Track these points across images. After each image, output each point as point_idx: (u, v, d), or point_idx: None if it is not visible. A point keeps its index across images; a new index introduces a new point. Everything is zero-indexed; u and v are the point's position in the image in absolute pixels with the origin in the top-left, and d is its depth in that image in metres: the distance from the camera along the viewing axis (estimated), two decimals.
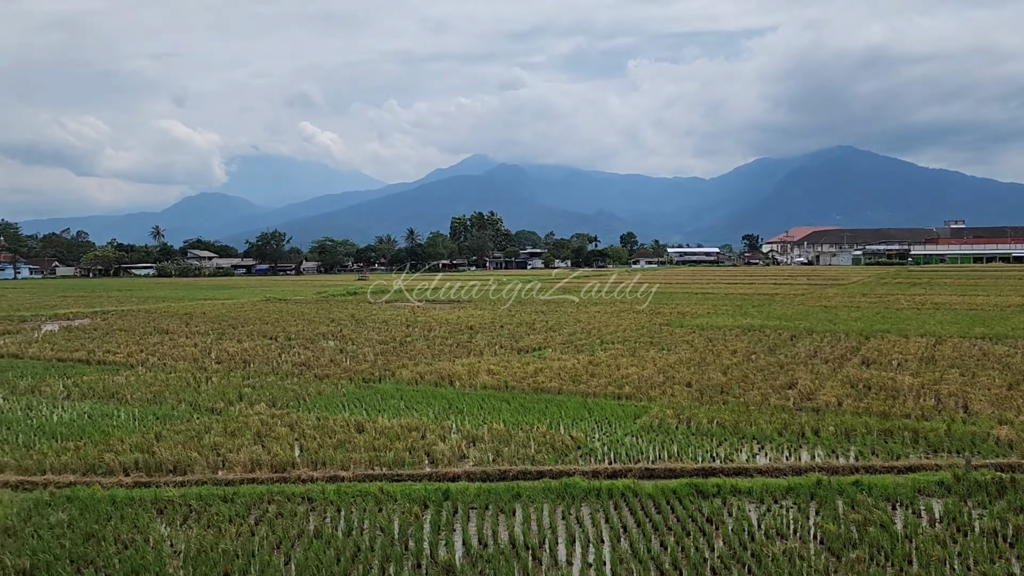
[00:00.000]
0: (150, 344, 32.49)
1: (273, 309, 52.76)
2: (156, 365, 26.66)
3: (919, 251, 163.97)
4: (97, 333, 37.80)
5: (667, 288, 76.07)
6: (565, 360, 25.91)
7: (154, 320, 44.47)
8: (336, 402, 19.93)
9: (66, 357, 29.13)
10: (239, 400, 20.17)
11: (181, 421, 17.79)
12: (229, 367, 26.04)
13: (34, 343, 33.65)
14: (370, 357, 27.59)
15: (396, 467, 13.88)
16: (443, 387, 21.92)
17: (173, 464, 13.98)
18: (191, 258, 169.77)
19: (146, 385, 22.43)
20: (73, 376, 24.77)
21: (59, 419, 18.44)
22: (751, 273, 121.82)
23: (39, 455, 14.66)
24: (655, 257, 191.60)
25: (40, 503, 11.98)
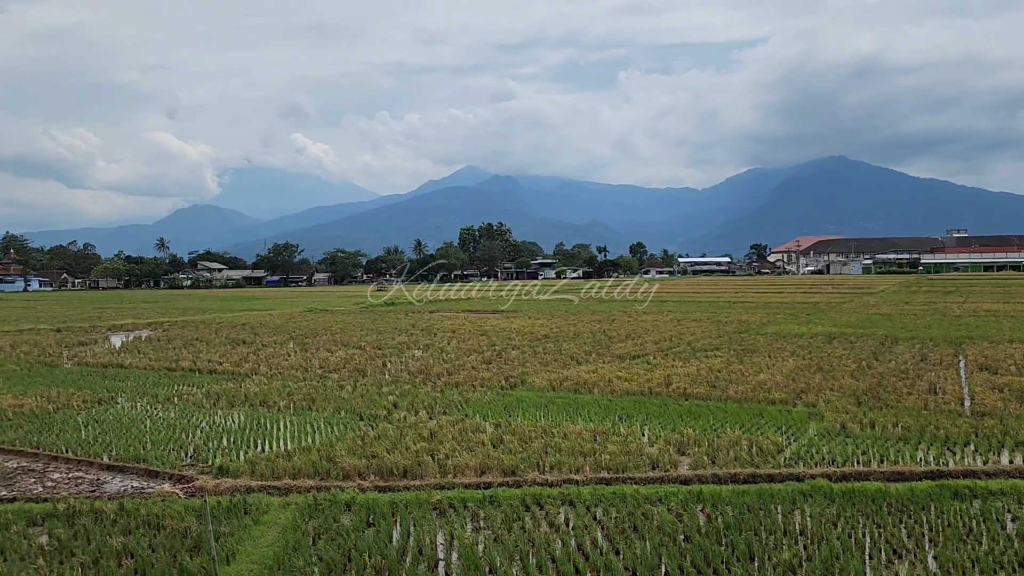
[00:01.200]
0: (242, 354, 32.53)
1: (326, 320, 52.81)
2: (272, 374, 26.71)
3: (928, 260, 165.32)
4: (177, 343, 37.80)
5: (699, 297, 76.46)
6: (679, 367, 26.08)
7: (221, 331, 44.48)
8: (496, 408, 20.04)
9: (173, 367, 29.18)
10: (393, 408, 20.29)
11: (355, 428, 17.90)
12: (345, 376, 26.12)
13: (123, 352, 33.65)
14: (479, 365, 27.75)
15: (623, 471, 14.03)
16: (583, 394, 22.06)
17: (404, 468, 14.12)
18: (201, 270, 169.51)
19: (287, 393, 22.51)
20: (200, 385, 24.86)
21: (230, 426, 18.54)
22: (770, 282, 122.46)
23: (266, 461, 14.76)
24: (665, 267, 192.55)
25: (319, 507, 12.10)
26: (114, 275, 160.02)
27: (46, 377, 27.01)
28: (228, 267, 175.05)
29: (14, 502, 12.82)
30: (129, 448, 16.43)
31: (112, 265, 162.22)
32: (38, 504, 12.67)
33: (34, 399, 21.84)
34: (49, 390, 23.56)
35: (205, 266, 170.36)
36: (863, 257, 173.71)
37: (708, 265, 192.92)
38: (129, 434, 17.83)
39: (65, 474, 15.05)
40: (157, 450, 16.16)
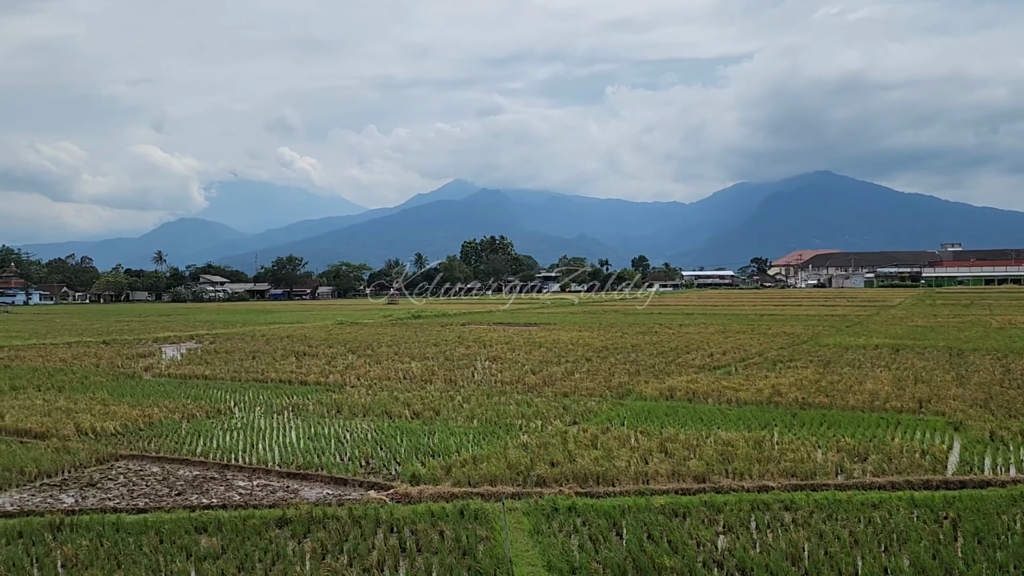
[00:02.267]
0: (318, 365, 32.53)
1: (366, 332, 52.82)
2: (367, 385, 26.79)
3: (929, 273, 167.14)
4: (239, 355, 37.70)
5: (722, 310, 76.99)
6: (772, 377, 26.30)
7: (273, 343, 44.42)
8: (627, 416, 20.24)
9: (259, 378, 29.20)
10: (521, 416, 20.45)
11: (500, 436, 18.03)
12: (441, 386, 26.24)
13: (192, 364, 33.55)
14: (565, 376, 27.97)
15: (810, 476, 14.30)
16: (700, 403, 22.31)
17: (597, 475, 14.32)
18: (203, 283, 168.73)
19: (403, 403, 22.59)
20: (299, 395, 24.93)
21: (372, 436, 18.63)
22: (782, 295, 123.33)
23: (456, 468, 14.90)
24: (667, 280, 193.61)
25: (545, 514, 12.27)
26: (115, 288, 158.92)
27: (138, 388, 26.95)
28: (229, 280, 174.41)
29: (246, 508, 12.90)
30: (290, 457, 16.56)
31: (114, 278, 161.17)
32: (258, 510, 12.77)
33: (156, 410, 21.85)
34: (161, 400, 23.57)
35: (207, 279, 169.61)
36: (864, 271, 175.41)
37: (712, 278, 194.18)
38: (278, 444, 17.93)
39: (248, 482, 15.14)
40: (319, 458, 16.27)
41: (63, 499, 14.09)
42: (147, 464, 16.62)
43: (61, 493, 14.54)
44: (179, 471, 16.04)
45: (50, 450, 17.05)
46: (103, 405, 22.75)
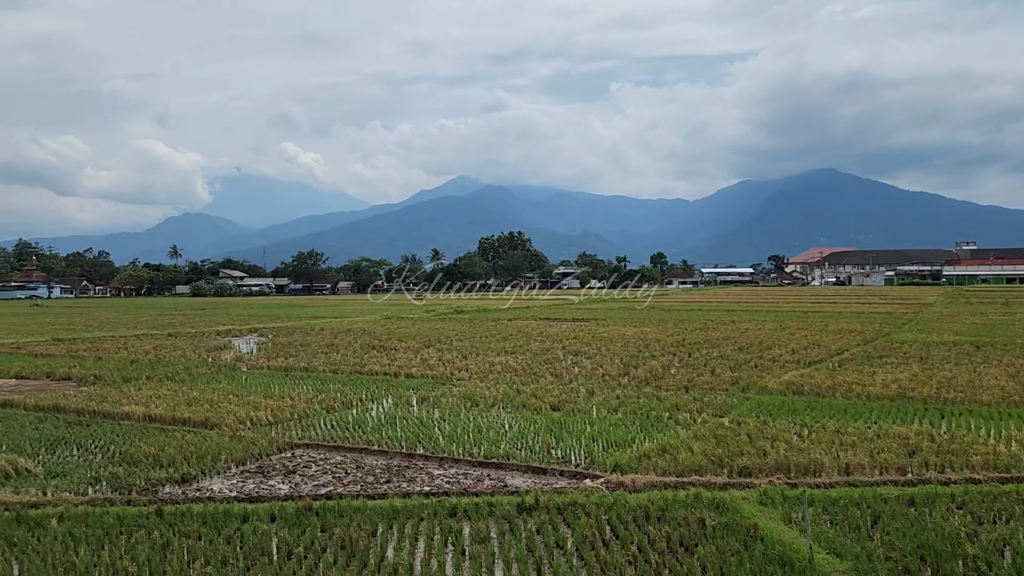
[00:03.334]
0: (407, 358, 32.63)
1: (423, 328, 52.91)
2: (474, 378, 26.94)
3: (950, 272, 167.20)
4: (315, 348, 37.79)
5: (761, 307, 77.09)
6: (880, 373, 26.38)
7: (341, 337, 44.56)
8: (773, 410, 20.38)
9: (363, 371, 29.33)
10: (662, 409, 20.58)
11: (655, 427, 18.19)
12: (550, 380, 26.39)
13: (279, 358, 33.67)
14: (663, 371, 28.15)
15: (1011, 470, 14.46)
16: (827, 397, 22.45)
17: (799, 466, 14.49)
18: (223, 278, 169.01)
19: (553, 394, 22.72)
20: (413, 388, 25.05)
21: (528, 428, 18.76)
22: (812, 292, 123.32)
23: (655, 458, 15.08)
24: (686, 277, 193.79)
25: (786, 503, 12.45)
26: (135, 282, 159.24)
27: (251, 380, 27.08)
28: (247, 275, 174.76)
29: (469, 495, 13.07)
30: (465, 446, 16.72)
31: (136, 272, 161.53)
32: (486, 496, 12.92)
33: (289, 401, 22.00)
34: (287, 391, 23.76)
35: (227, 274, 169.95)
36: (883, 268, 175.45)
37: (731, 275, 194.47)
38: (443, 433, 18.09)
39: (444, 470, 15.32)
40: (494, 448, 16.41)
41: (276, 486, 14.27)
42: (327, 453, 16.81)
43: (267, 480, 14.73)
44: (364, 459, 16.23)
45: (227, 439, 17.23)
46: (235, 396, 22.92)
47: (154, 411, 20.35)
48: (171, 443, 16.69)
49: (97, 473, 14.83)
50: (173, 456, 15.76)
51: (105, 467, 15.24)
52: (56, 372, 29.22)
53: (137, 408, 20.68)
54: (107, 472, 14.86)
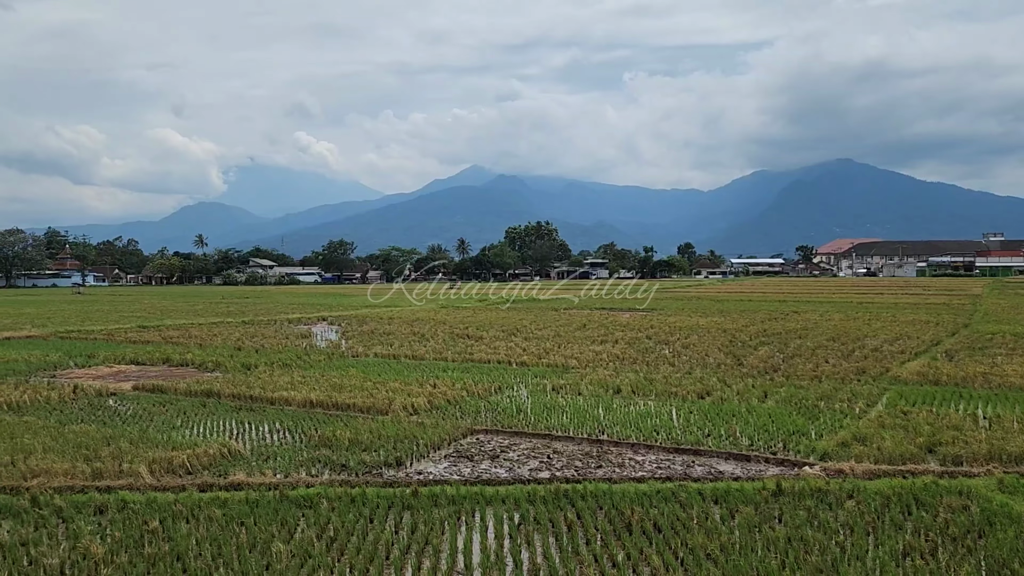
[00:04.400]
0: (507, 347, 32.80)
1: (488, 316, 53.11)
2: (593, 366, 27.13)
3: (983, 263, 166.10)
4: (400, 336, 37.92)
5: (809, 297, 76.90)
6: (1000, 365, 26.42)
7: (418, 326, 44.79)
8: (934, 399, 20.45)
9: (473, 359, 29.51)
10: (825, 399, 20.59)
11: (813, 416, 18.33)
12: (683, 369, 26.55)
13: (376, 345, 33.89)
14: (771, 360, 28.27)
15: None
16: (967, 387, 22.46)
17: (1016, 456, 14.57)
18: (253, 267, 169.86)
19: (659, 381, 22.92)
20: (540, 376, 25.21)
21: (684, 416, 18.91)
22: (852, 284, 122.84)
23: (855, 446, 15.23)
24: (714, 267, 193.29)
25: None
26: (166, 271, 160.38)
27: (373, 367, 27.27)
28: (276, 264, 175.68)
29: (696, 481, 13.25)
30: (645, 433, 16.90)
31: (167, 261, 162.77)
32: (716, 483, 13.09)
33: (430, 388, 22.22)
34: (425, 379, 23.96)
35: (257, 263, 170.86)
36: (914, 260, 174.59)
37: (760, 266, 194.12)
38: (610, 420, 18.25)
39: (643, 456, 15.50)
40: (686, 435, 16.59)
41: (493, 470, 14.48)
42: (510, 438, 17.02)
43: (477, 464, 14.95)
44: (553, 445, 16.44)
45: (409, 424, 17.47)
46: (371, 382, 23.14)
47: (311, 397, 20.61)
48: (363, 428, 16.93)
49: (305, 455, 15.10)
50: (371, 440, 16.02)
51: (308, 450, 15.51)
52: (172, 358, 29.57)
53: (293, 394, 20.95)
54: (315, 455, 15.13)
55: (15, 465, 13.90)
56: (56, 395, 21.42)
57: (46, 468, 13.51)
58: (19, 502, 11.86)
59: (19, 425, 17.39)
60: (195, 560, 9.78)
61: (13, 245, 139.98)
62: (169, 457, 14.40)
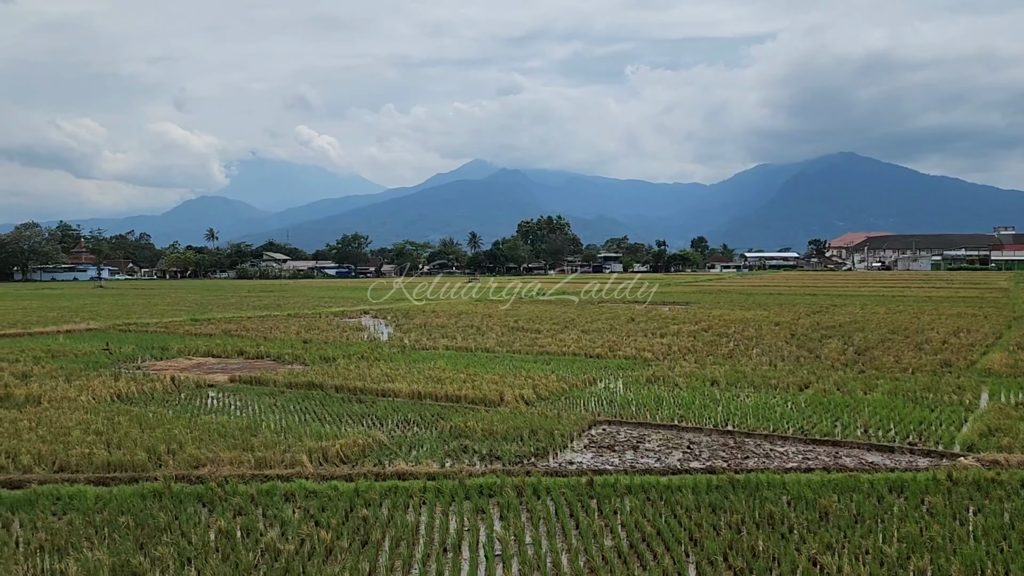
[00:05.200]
0: (573, 337, 32.93)
1: (532, 310, 53.26)
2: (667, 359, 27.25)
3: (998, 257, 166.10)
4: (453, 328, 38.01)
5: (838, 291, 77.01)
6: None
7: (469, 319, 44.88)
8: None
9: (544, 351, 29.61)
10: (931, 392, 20.64)
11: (935, 409, 18.45)
12: (763, 362, 26.65)
13: (441, 338, 33.99)
14: (845, 353, 28.36)
15: None
16: None
17: None
18: (267, 260, 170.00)
19: (759, 376, 23.01)
20: (624, 368, 25.33)
21: (794, 407, 19.02)
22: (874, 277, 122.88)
23: (996, 439, 15.33)
24: (727, 261, 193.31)
25: None
26: (180, 265, 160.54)
27: (444, 359, 27.32)
28: (290, 257, 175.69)
29: (859, 472, 13.35)
30: (772, 423, 17.01)
31: (183, 255, 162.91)
32: (871, 473, 13.18)
33: (539, 379, 22.32)
34: (507, 369, 24.05)
35: (271, 256, 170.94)
36: (924, 254, 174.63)
37: (775, 259, 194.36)
38: (726, 411, 18.35)
39: (781, 447, 15.59)
40: (825, 425, 16.71)
41: (635, 459, 14.59)
42: (638, 429, 17.10)
43: (621, 454, 15.05)
44: (684, 435, 16.53)
45: (531, 415, 17.57)
46: (466, 374, 23.23)
47: (418, 388, 20.71)
48: (489, 419, 17.02)
49: (450, 446, 15.20)
50: (505, 431, 16.11)
51: (447, 441, 15.61)
52: (247, 351, 29.69)
53: (398, 386, 21.05)
54: (457, 445, 15.24)
55: (175, 455, 14.02)
56: (160, 386, 21.53)
57: (211, 457, 13.62)
58: (208, 490, 11.97)
59: (151, 416, 17.50)
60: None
61: (30, 239, 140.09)
62: (323, 447, 14.51)
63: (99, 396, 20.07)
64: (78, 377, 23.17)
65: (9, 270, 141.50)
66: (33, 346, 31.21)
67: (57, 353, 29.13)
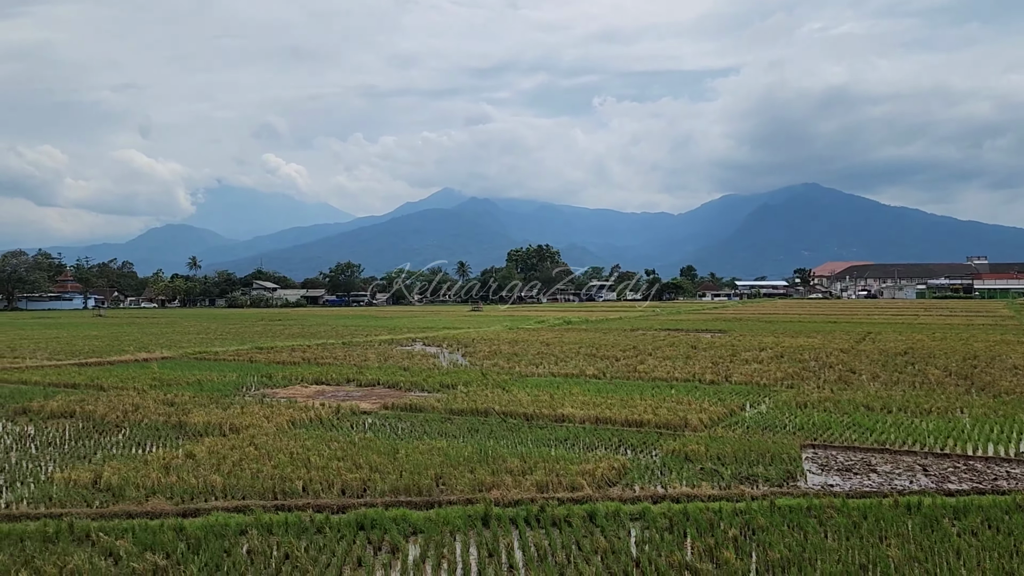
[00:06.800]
0: (671, 366, 33.19)
1: (575, 337, 53.43)
2: (782, 385, 27.60)
3: (980, 286, 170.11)
4: (540, 356, 38.12)
5: (853, 319, 78.31)
6: None
7: (530, 346, 44.96)
8: None
9: (662, 377, 29.70)
10: None
11: None
12: (868, 384, 27.10)
13: (528, 365, 33.98)
14: (931, 372, 28.98)
15: None
16: None
17: None
18: (257, 289, 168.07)
19: (879, 399, 23.43)
20: (738, 394, 25.61)
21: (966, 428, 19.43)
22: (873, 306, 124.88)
23: None
24: (717, 290, 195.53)
25: None
26: (168, 293, 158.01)
27: (572, 387, 27.32)
28: (279, 286, 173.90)
29: None
30: (979, 445, 17.39)
31: (172, 283, 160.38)
32: None
33: (677, 405, 22.48)
34: (648, 394, 24.19)
35: (261, 285, 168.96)
36: (915, 282, 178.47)
37: (765, 288, 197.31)
38: (900, 434, 18.68)
39: (1016, 470, 15.93)
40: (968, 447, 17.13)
41: (888, 482, 14.80)
42: (849, 453, 17.33)
43: (863, 478, 15.24)
44: (900, 459, 16.76)
45: (740, 440, 17.73)
46: (620, 399, 23.30)
47: (595, 414, 20.72)
48: (707, 443, 17.14)
49: (696, 469, 15.30)
50: (730, 454, 16.22)
51: (686, 465, 15.69)
52: (359, 379, 29.47)
53: (572, 411, 21.05)
54: (703, 468, 15.33)
55: (448, 480, 13.95)
56: (324, 413, 21.31)
57: (494, 482, 13.59)
58: (537, 512, 11.96)
59: (358, 441, 17.35)
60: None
61: (17, 267, 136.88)
62: (586, 470, 14.54)
63: (277, 423, 19.82)
64: (223, 404, 22.83)
65: None
66: (134, 374, 30.65)
67: (167, 381, 28.63)
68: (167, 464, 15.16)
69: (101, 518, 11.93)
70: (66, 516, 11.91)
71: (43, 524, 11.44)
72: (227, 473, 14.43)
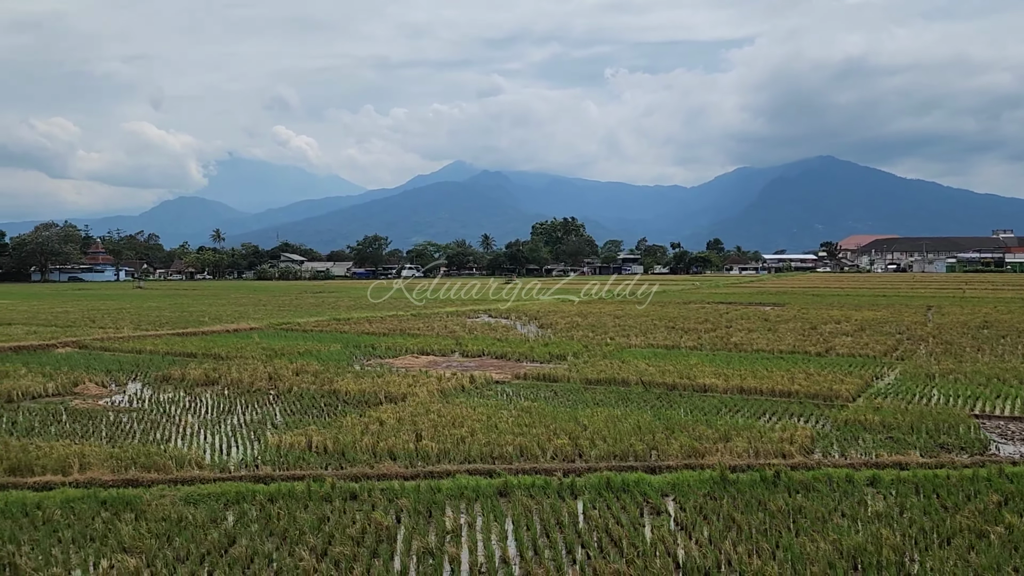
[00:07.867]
0: (760, 338, 33.33)
1: (635, 310, 53.57)
2: (896, 359, 27.68)
3: (1012, 259, 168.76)
4: (639, 332, 38.28)
5: (893, 292, 78.09)
6: None
7: (594, 318, 45.13)
8: None
9: (780, 349, 29.89)
10: None
11: None
12: (966, 358, 27.16)
13: (636, 337, 34.19)
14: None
15: None
16: None
17: None
18: (284, 262, 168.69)
19: (954, 372, 23.50)
20: (834, 368, 25.72)
21: None
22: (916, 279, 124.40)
23: None
24: (744, 263, 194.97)
25: None
26: (197, 265, 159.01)
27: (682, 356, 27.45)
28: (306, 259, 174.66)
29: None
30: None
31: (201, 255, 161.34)
32: None
33: (824, 375, 22.61)
34: (770, 366, 24.32)
35: (288, 258, 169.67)
36: (943, 256, 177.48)
37: (795, 261, 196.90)
38: None
39: None
40: None
41: None
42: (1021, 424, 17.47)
43: None
44: None
45: (899, 410, 17.84)
46: (750, 370, 23.47)
47: (739, 384, 20.87)
48: (873, 413, 17.25)
49: (875, 439, 15.44)
50: (905, 424, 16.34)
51: (866, 435, 15.83)
52: (462, 349, 29.76)
53: (713, 381, 21.22)
54: (879, 439, 15.48)
55: (658, 446, 14.16)
56: (466, 383, 21.55)
57: (702, 448, 13.80)
58: (772, 478, 12.16)
59: (532, 408, 17.59)
60: None
61: (49, 239, 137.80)
62: (780, 437, 14.72)
63: (428, 391, 20.05)
64: (356, 374, 23.10)
65: (26, 270, 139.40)
66: (239, 344, 30.98)
67: (277, 351, 28.95)
68: (365, 429, 15.41)
69: (350, 480, 12.19)
70: (309, 478, 12.17)
71: (306, 485, 11.69)
72: (430, 439, 14.67)
